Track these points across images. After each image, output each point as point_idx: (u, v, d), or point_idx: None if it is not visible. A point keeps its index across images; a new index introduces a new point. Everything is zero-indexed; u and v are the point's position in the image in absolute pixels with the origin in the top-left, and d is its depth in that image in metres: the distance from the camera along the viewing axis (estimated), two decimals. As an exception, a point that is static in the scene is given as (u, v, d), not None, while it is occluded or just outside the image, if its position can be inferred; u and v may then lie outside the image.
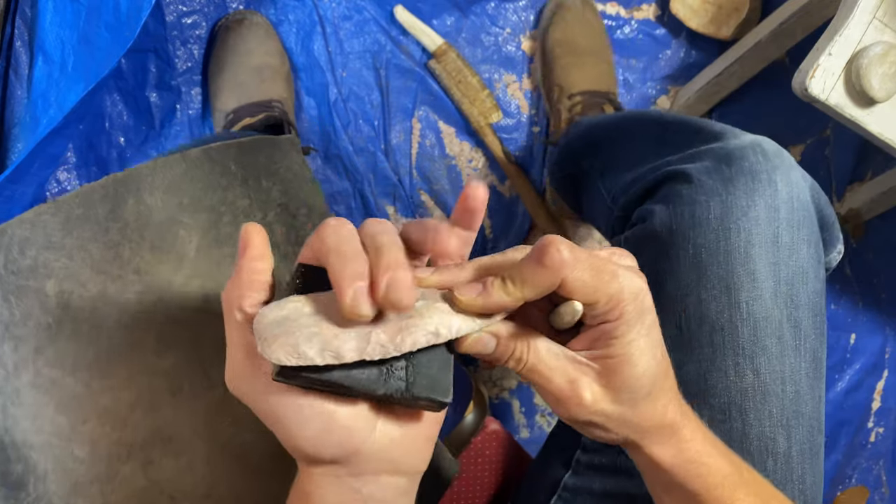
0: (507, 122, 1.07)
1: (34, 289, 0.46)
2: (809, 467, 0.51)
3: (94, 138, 0.96)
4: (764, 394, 0.50)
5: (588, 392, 0.36)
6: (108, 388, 0.47)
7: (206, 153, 0.51)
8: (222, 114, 0.93)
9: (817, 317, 0.53)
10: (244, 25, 0.95)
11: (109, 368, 0.47)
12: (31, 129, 0.84)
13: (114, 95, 0.97)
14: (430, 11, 1.04)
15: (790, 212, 0.53)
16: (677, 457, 0.39)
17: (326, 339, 0.32)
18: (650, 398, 0.37)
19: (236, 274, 0.35)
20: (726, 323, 0.51)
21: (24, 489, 0.45)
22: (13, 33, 0.87)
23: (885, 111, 0.72)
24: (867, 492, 1.17)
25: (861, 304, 1.15)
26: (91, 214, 0.47)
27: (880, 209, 1.10)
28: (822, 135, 1.11)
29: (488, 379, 1.10)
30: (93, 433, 0.46)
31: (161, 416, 0.47)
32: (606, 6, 1.07)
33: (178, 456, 0.48)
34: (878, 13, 0.70)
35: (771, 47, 0.93)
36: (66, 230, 0.47)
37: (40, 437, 0.45)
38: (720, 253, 0.52)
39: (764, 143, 0.55)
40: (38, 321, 0.46)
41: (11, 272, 0.46)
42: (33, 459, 0.45)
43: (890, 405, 1.17)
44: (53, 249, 0.46)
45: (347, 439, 0.34)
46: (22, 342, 0.46)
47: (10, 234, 0.46)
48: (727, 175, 0.53)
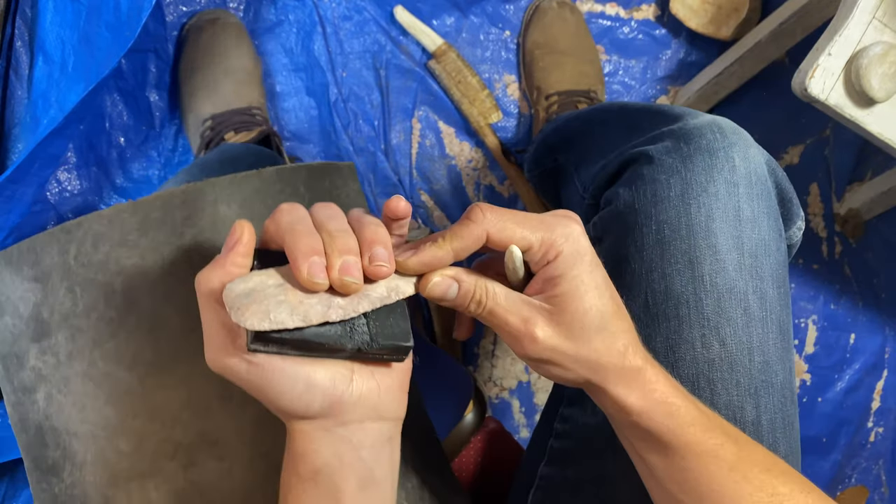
0: (507, 122, 1.07)
1: (102, 283, 0.47)
2: (782, 437, 0.52)
3: (94, 138, 0.96)
4: (731, 364, 0.51)
5: (540, 330, 0.40)
6: (163, 387, 0.48)
7: (279, 174, 0.52)
8: (198, 118, 0.93)
9: (781, 288, 0.54)
10: (217, 26, 0.94)
11: (166, 369, 0.48)
12: (32, 130, 0.84)
13: (114, 95, 0.97)
14: (430, 12, 1.04)
15: (749, 186, 0.54)
16: (644, 398, 0.41)
17: (293, 304, 0.36)
18: (604, 335, 0.40)
19: (219, 262, 0.38)
20: (691, 296, 0.52)
21: (57, 475, 0.46)
22: (13, 33, 0.87)
23: (884, 111, 0.72)
24: (867, 491, 1.17)
25: (861, 304, 1.15)
26: (168, 219, 0.48)
27: (880, 209, 1.10)
28: (821, 135, 1.12)
29: (488, 379, 1.10)
30: (141, 429, 0.47)
31: (210, 420, 0.48)
32: (606, 6, 1.07)
33: (220, 460, 0.48)
34: (877, 13, 0.70)
35: (771, 47, 0.93)
36: (142, 230, 0.48)
37: (84, 427, 0.46)
38: (682, 228, 0.53)
39: (721, 121, 0.56)
40: (101, 315, 0.47)
41: (82, 264, 0.46)
42: (73, 447, 0.46)
43: (889, 405, 1.17)
44: (127, 247, 0.47)
45: (330, 391, 0.38)
46: (80, 333, 0.46)
47: (85, 228, 0.47)
48: (686, 153, 0.54)
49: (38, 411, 0.45)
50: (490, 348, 1.10)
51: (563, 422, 0.58)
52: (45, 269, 0.46)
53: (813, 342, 1.15)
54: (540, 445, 0.59)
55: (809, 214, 1.13)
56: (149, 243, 0.48)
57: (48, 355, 0.46)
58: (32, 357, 0.46)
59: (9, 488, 0.90)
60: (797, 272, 1.14)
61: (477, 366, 1.10)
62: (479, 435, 0.73)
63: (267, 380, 0.38)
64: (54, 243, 0.46)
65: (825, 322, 1.15)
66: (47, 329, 0.46)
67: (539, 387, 1.10)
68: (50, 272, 0.46)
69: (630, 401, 0.41)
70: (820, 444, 1.16)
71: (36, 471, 0.45)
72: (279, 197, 0.52)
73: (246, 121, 0.91)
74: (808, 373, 1.15)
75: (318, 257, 0.37)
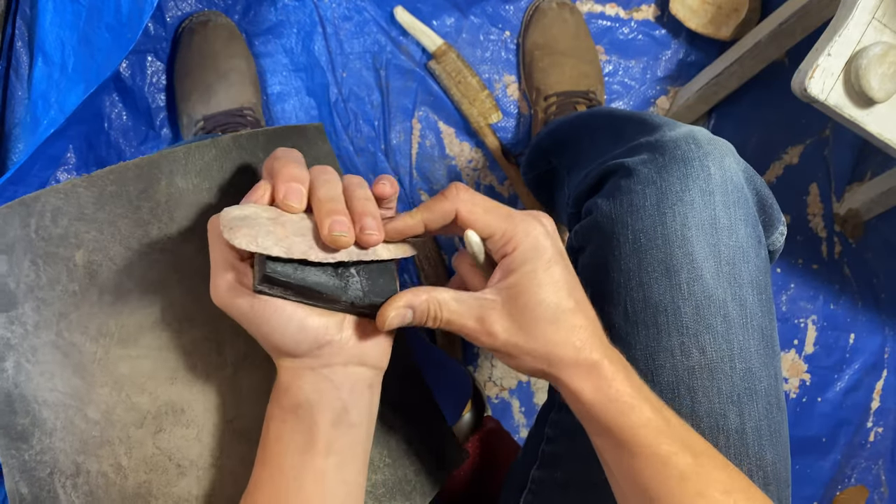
0: (507, 122, 1.07)
1: (63, 257, 0.48)
2: (769, 444, 0.52)
3: (94, 139, 0.96)
4: (712, 371, 0.51)
5: (497, 325, 0.42)
6: (128, 357, 0.49)
7: (235, 140, 0.53)
8: (191, 119, 0.93)
9: (762, 294, 0.54)
10: (208, 28, 0.95)
11: (130, 339, 0.49)
12: (32, 130, 0.84)
13: (113, 96, 0.97)
14: (430, 12, 1.04)
15: (725, 194, 0.54)
16: (597, 392, 0.42)
17: (279, 237, 0.39)
18: (558, 328, 0.42)
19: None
20: (669, 304, 0.52)
21: (26, 441, 0.46)
22: (14, 34, 0.87)
23: (884, 111, 0.72)
24: (866, 491, 1.17)
25: (860, 304, 1.15)
26: (124, 192, 0.49)
27: (879, 209, 1.10)
28: (821, 135, 1.12)
29: (488, 379, 1.10)
30: (109, 398, 0.48)
31: (175, 389, 0.50)
32: (606, 7, 1.07)
33: (187, 426, 0.50)
34: (877, 13, 0.70)
35: (770, 48, 0.93)
36: (98, 204, 0.48)
37: (53, 395, 0.47)
38: (658, 237, 0.53)
39: (697, 132, 0.57)
40: (64, 287, 0.47)
41: (42, 238, 0.47)
42: (43, 415, 0.47)
43: (889, 405, 1.17)
44: (85, 221, 0.48)
45: (322, 334, 0.42)
46: (45, 304, 0.47)
47: (43, 202, 0.47)
48: (661, 163, 0.55)
49: (7, 379, 0.46)
50: (490, 348, 1.10)
51: (553, 427, 0.58)
52: (9, 242, 0.47)
53: (812, 342, 1.15)
54: (532, 449, 0.60)
55: (809, 214, 1.13)
56: (106, 217, 0.48)
57: (16, 325, 0.47)
58: (0, 327, 0.46)
59: (9, 488, 0.90)
60: (797, 272, 1.14)
61: (477, 366, 1.10)
62: (477, 435, 0.73)
63: (266, 318, 0.41)
64: (15, 216, 0.47)
65: (825, 322, 1.15)
66: (14, 299, 0.47)
67: (539, 387, 1.11)
68: (13, 244, 0.47)
69: (584, 394, 0.42)
70: (820, 444, 1.16)
71: (5, 437, 0.46)
72: (237, 164, 0.53)
73: (237, 121, 0.91)
74: (807, 373, 1.16)
75: (297, 184, 0.41)
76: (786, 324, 1.14)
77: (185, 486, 0.49)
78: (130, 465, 0.48)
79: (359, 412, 0.45)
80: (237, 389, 0.51)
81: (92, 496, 0.47)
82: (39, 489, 0.47)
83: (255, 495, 0.45)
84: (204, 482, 0.50)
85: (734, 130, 1.10)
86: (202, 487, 0.50)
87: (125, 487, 0.48)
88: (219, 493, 0.50)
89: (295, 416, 0.44)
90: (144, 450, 0.49)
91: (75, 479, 0.47)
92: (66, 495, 0.47)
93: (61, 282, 0.47)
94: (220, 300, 0.43)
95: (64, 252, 0.47)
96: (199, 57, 0.94)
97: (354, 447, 0.45)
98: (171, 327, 0.50)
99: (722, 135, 1.16)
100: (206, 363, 0.50)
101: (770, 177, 1.12)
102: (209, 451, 0.50)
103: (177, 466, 0.49)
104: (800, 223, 1.13)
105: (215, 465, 0.50)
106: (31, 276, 0.47)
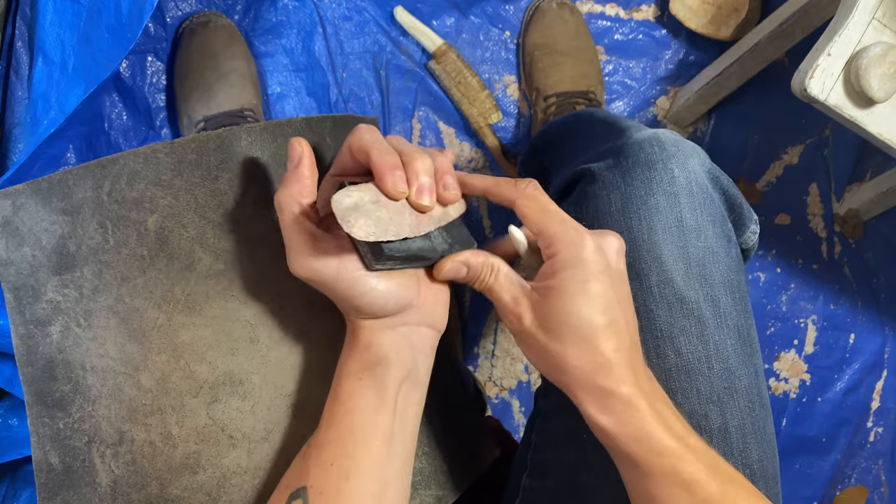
0: (507, 122, 1.07)
1: (135, 220, 0.47)
2: (754, 442, 0.51)
3: (94, 139, 0.96)
4: (689, 372, 0.51)
5: (526, 312, 0.44)
6: (191, 325, 0.48)
7: (307, 122, 0.54)
8: (192, 119, 0.93)
9: (736, 293, 0.54)
10: (209, 28, 0.95)
11: (196, 307, 0.48)
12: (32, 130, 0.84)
13: (113, 96, 0.97)
14: (429, 12, 1.04)
15: (690, 196, 0.54)
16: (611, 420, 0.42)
17: (387, 220, 0.42)
18: (581, 344, 0.42)
19: (293, 179, 0.44)
20: (641, 308, 0.52)
21: (63, 409, 0.45)
22: (14, 34, 0.87)
23: (884, 112, 0.72)
24: (866, 491, 1.17)
25: (860, 304, 1.15)
26: (204, 161, 0.49)
27: (879, 209, 1.10)
28: (821, 135, 1.12)
29: (488, 379, 1.10)
30: (165, 365, 0.47)
31: (235, 360, 0.49)
32: (606, 7, 1.07)
33: (243, 398, 0.49)
34: (877, 13, 0.70)
35: (770, 48, 0.93)
36: (177, 171, 0.48)
37: (103, 361, 0.46)
38: (626, 242, 0.53)
39: (661, 135, 0.56)
40: (132, 251, 0.47)
41: (115, 201, 0.46)
42: (87, 382, 0.46)
43: (889, 405, 1.17)
44: (162, 187, 0.47)
45: (405, 296, 0.45)
46: (108, 268, 0.46)
47: (121, 164, 0.46)
48: (625, 167, 0.55)
49: (51, 344, 0.45)
50: (490, 348, 1.10)
51: (538, 434, 0.59)
52: (76, 203, 0.45)
53: (812, 342, 1.15)
54: (522, 457, 0.60)
55: (809, 214, 1.13)
56: (183, 184, 0.48)
57: (69, 288, 0.45)
58: (51, 290, 0.45)
59: (9, 488, 0.90)
60: (797, 272, 1.14)
61: (477, 366, 1.10)
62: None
63: (351, 283, 0.43)
64: (88, 177, 0.46)
65: (825, 322, 1.15)
66: (71, 262, 0.45)
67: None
68: (81, 206, 0.46)
69: (599, 420, 0.42)
70: (820, 444, 1.16)
71: (38, 405, 0.45)
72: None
73: (237, 122, 0.91)
74: (807, 373, 1.16)
75: (399, 171, 0.43)
76: (786, 324, 1.15)
77: (234, 459, 0.49)
78: (181, 434, 0.48)
79: (424, 372, 0.47)
80: (295, 364, 0.51)
81: (134, 465, 0.47)
82: (73, 458, 0.45)
83: (321, 451, 0.45)
84: (254, 455, 0.50)
85: (734, 130, 1.10)
86: (252, 460, 0.50)
87: (173, 457, 0.47)
88: (267, 467, 0.50)
89: (372, 373, 0.45)
90: (197, 419, 0.48)
91: (117, 448, 0.46)
92: (105, 464, 0.46)
93: (129, 245, 0.47)
94: (303, 271, 0.44)
95: (136, 216, 0.47)
96: (200, 57, 0.94)
97: (416, 408, 0.47)
98: (237, 299, 0.49)
99: (722, 135, 1.16)
100: (267, 336, 0.50)
101: (770, 177, 1.12)
102: (262, 425, 0.50)
103: (229, 438, 0.49)
104: (800, 223, 1.13)
105: (266, 439, 0.50)
106: (96, 239, 0.46)
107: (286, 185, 0.44)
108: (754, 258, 1.13)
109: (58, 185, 0.45)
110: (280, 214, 0.44)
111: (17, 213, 0.45)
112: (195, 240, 0.48)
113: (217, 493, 0.49)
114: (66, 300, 0.45)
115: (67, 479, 0.45)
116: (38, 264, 0.45)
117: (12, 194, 0.44)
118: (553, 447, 0.57)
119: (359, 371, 0.45)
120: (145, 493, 0.47)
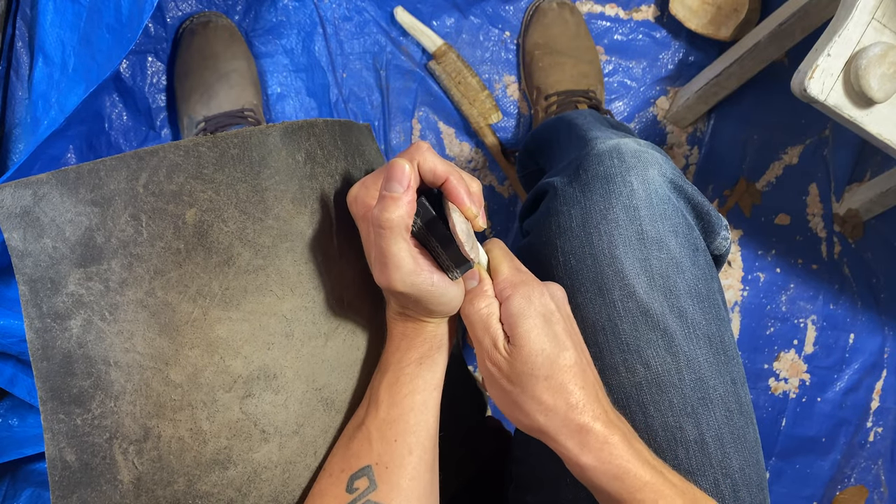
0: (507, 122, 1.07)
1: (172, 214, 0.46)
2: (734, 451, 0.51)
3: (94, 139, 0.96)
4: (660, 385, 0.52)
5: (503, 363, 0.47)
6: (227, 320, 0.48)
7: (328, 126, 0.54)
8: (192, 120, 0.93)
9: (704, 303, 0.54)
10: (209, 28, 0.95)
11: (233, 302, 0.48)
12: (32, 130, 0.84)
13: (113, 96, 0.97)
14: (430, 12, 1.04)
15: (650, 208, 0.54)
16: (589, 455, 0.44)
17: (473, 242, 0.48)
18: (547, 382, 0.45)
19: (402, 203, 0.45)
20: (606, 322, 0.53)
21: (82, 405, 0.44)
22: (14, 34, 0.87)
23: (883, 112, 0.72)
24: (866, 491, 1.18)
25: (860, 305, 1.15)
26: (246, 156, 0.49)
27: (879, 210, 1.10)
28: (821, 135, 1.12)
29: (488, 379, 1.10)
30: (197, 360, 0.47)
31: (271, 354, 0.49)
32: (606, 7, 1.07)
33: (277, 392, 0.49)
34: (876, 14, 0.70)
35: (770, 48, 0.93)
36: (218, 165, 0.47)
37: (128, 356, 0.45)
38: (587, 257, 0.54)
39: (623, 146, 0.56)
40: (167, 245, 0.46)
41: (152, 193, 0.45)
42: (110, 377, 0.44)
43: (889, 405, 1.17)
44: (202, 181, 0.47)
45: (458, 299, 0.49)
46: (140, 261, 0.45)
47: (160, 157, 0.46)
48: (584, 181, 0.55)
49: (70, 339, 0.44)
50: (490, 348, 1.10)
51: (518, 447, 0.59)
52: (108, 194, 0.44)
53: (812, 342, 1.15)
54: (508, 468, 0.61)
55: (809, 214, 1.13)
56: (225, 178, 0.48)
57: (94, 281, 0.44)
58: (72, 283, 0.44)
59: (9, 488, 0.90)
60: (797, 272, 1.14)
61: (477, 366, 1.10)
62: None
63: (437, 295, 0.47)
64: (123, 168, 0.45)
65: (824, 322, 1.15)
66: (98, 254, 0.44)
67: (539, 387, 1.11)
68: (113, 197, 0.44)
69: (581, 460, 0.44)
70: (819, 444, 1.16)
71: (53, 401, 0.43)
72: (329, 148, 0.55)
73: (238, 122, 0.91)
74: (807, 373, 1.16)
75: (473, 196, 0.47)
76: (786, 324, 1.15)
77: (265, 453, 0.49)
78: (212, 429, 0.47)
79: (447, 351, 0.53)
80: (327, 359, 0.52)
81: (160, 462, 0.46)
82: (92, 456, 0.44)
83: (384, 430, 0.48)
84: (285, 449, 0.50)
85: (734, 130, 1.10)
86: (283, 455, 0.49)
87: (202, 453, 0.47)
88: (298, 461, 0.50)
89: (431, 359, 0.50)
90: (230, 414, 0.47)
91: (141, 445, 0.45)
92: (127, 461, 0.45)
93: (164, 238, 0.46)
94: (403, 286, 0.46)
95: (174, 209, 0.46)
96: (200, 58, 0.94)
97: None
98: (274, 293, 0.49)
99: (722, 135, 1.16)
100: (302, 331, 0.51)
101: (770, 177, 1.12)
102: (294, 419, 0.50)
103: (261, 432, 0.49)
104: (799, 223, 1.13)
105: (298, 434, 0.50)
106: (127, 231, 0.45)
107: (395, 206, 0.44)
108: (754, 258, 1.13)
109: (87, 176, 0.44)
110: (385, 232, 0.45)
111: (38, 203, 0.43)
112: (235, 234, 0.48)
113: (247, 489, 0.48)
114: (89, 293, 0.44)
115: (85, 476, 0.44)
116: (60, 256, 0.44)
117: (34, 184, 0.43)
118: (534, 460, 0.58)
119: (420, 358, 0.50)
120: (171, 490, 0.46)
